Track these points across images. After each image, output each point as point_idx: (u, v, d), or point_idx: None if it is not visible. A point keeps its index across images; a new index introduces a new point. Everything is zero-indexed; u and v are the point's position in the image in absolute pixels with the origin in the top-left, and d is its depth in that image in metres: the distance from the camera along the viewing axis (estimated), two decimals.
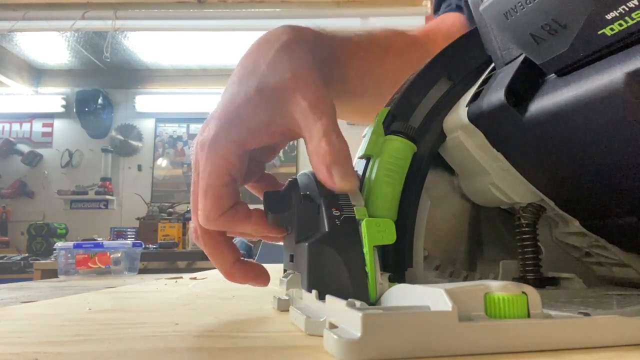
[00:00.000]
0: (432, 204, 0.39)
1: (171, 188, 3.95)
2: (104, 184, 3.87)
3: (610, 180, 0.30)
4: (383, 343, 0.20)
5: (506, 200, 0.38)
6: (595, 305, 0.28)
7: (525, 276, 0.38)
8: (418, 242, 0.37)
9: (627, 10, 0.22)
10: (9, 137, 4.05)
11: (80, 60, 3.81)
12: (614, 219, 0.34)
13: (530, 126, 0.30)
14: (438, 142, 0.38)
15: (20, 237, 3.64)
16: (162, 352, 0.24)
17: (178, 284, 0.68)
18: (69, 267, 1.35)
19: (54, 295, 0.74)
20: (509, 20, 0.27)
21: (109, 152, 3.95)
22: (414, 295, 0.25)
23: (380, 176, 0.34)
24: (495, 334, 0.21)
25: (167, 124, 4.06)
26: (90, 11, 2.80)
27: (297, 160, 3.87)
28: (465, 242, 0.43)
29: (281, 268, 0.40)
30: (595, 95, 0.25)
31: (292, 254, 0.36)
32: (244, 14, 2.86)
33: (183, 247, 3.01)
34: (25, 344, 0.27)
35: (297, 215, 0.35)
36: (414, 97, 0.38)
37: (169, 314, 0.37)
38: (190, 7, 2.85)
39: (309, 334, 0.26)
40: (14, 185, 3.95)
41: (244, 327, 0.31)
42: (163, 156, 4.02)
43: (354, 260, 0.30)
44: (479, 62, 0.38)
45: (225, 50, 3.56)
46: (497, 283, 0.22)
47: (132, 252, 1.45)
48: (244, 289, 0.57)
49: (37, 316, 0.39)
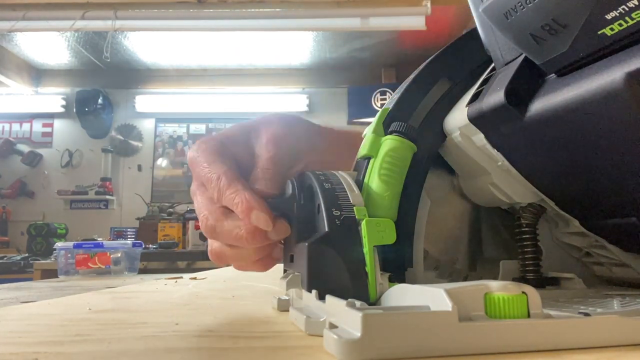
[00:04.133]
0: (432, 204, 0.38)
1: (171, 188, 3.95)
2: (104, 184, 3.87)
3: (610, 180, 0.30)
4: (383, 343, 0.20)
5: (506, 200, 0.38)
6: (595, 305, 0.28)
7: (525, 276, 0.38)
8: (418, 242, 0.37)
9: (627, 10, 0.22)
10: (9, 137, 4.05)
11: (80, 60, 3.81)
12: (614, 219, 0.34)
13: (530, 126, 0.30)
14: (438, 142, 0.38)
15: (20, 237, 3.64)
16: (162, 352, 0.24)
17: (178, 284, 0.68)
18: (69, 267, 1.35)
19: (54, 295, 0.74)
20: (509, 20, 0.27)
21: (109, 152, 3.95)
22: (414, 295, 0.25)
23: (380, 176, 0.34)
24: (495, 334, 0.21)
25: (167, 124, 4.05)
26: (90, 11, 2.80)
27: None
28: (465, 242, 0.43)
29: (281, 268, 0.40)
30: (595, 95, 0.25)
31: (292, 254, 0.36)
32: (244, 14, 2.85)
33: (183, 247, 3.01)
34: (25, 344, 0.27)
35: (297, 215, 0.35)
36: (414, 97, 0.38)
37: (169, 314, 0.37)
38: (190, 7, 2.85)
39: (309, 334, 0.26)
40: (14, 185, 3.95)
41: (244, 327, 0.31)
42: (163, 156, 4.02)
43: (354, 260, 0.30)
44: (479, 62, 0.38)
45: (225, 50, 3.56)
46: (497, 283, 0.22)
47: (132, 252, 1.45)
48: (244, 288, 0.57)
49: (37, 316, 0.39)
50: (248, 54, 3.64)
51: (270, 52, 3.59)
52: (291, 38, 3.40)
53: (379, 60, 3.76)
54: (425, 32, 2.88)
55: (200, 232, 2.82)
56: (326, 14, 2.86)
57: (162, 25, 2.95)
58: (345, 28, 3.03)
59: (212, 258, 0.42)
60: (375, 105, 3.71)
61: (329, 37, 3.39)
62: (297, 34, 3.32)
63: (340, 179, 0.34)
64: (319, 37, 3.39)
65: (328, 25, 2.98)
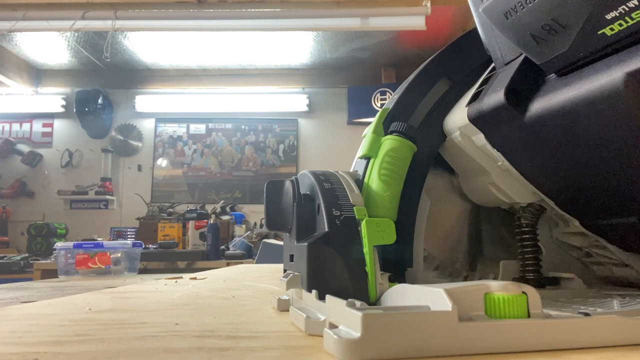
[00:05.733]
0: (432, 204, 0.38)
1: (171, 188, 3.95)
2: (104, 184, 3.87)
3: (610, 180, 0.30)
4: (383, 343, 0.20)
5: (506, 200, 0.38)
6: (595, 305, 0.28)
7: (525, 276, 0.38)
8: (418, 242, 0.37)
9: (627, 10, 0.22)
10: (9, 137, 4.05)
11: (80, 60, 3.81)
12: (614, 219, 0.34)
13: (530, 126, 0.30)
14: (438, 142, 0.38)
15: (20, 237, 3.64)
16: (162, 352, 0.24)
17: (178, 284, 0.68)
18: (69, 267, 1.35)
19: (54, 295, 0.74)
20: (509, 20, 0.27)
21: (109, 152, 3.95)
22: (413, 295, 0.25)
23: (380, 176, 0.34)
24: (495, 334, 0.20)
25: (167, 124, 4.05)
26: (90, 11, 2.80)
27: (297, 160, 3.88)
28: (465, 242, 0.43)
29: (281, 268, 0.40)
30: (595, 95, 0.25)
31: (292, 254, 0.36)
32: (244, 14, 2.85)
33: (183, 247, 3.01)
34: (25, 344, 0.27)
35: (297, 215, 0.35)
36: (414, 97, 0.38)
37: (169, 314, 0.37)
38: (190, 7, 2.85)
39: (309, 334, 0.26)
40: (14, 185, 3.95)
41: (244, 327, 0.31)
42: (163, 156, 4.02)
43: (354, 260, 0.30)
44: (479, 62, 0.38)
45: (225, 50, 3.56)
46: (497, 283, 0.22)
47: (132, 252, 1.45)
48: (244, 288, 0.57)
49: (37, 316, 0.39)
50: (248, 54, 3.64)
51: (270, 52, 3.59)
52: (291, 38, 3.40)
53: (379, 60, 3.76)
54: (425, 32, 2.88)
55: (200, 232, 2.82)
56: (326, 14, 2.86)
57: (162, 25, 2.95)
58: (345, 28, 3.03)
59: None
60: (375, 105, 3.72)
61: (329, 37, 3.39)
62: (297, 34, 3.32)
63: (340, 179, 0.34)
64: (319, 37, 3.39)
65: (328, 25, 2.98)
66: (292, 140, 3.92)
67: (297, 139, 3.92)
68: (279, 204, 0.37)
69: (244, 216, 3.50)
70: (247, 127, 3.97)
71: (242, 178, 3.89)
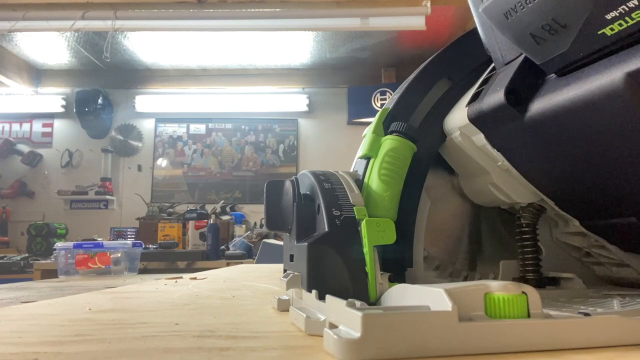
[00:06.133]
0: (432, 204, 0.39)
1: (171, 188, 3.95)
2: (104, 184, 3.87)
3: (610, 180, 0.30)
4: (383, 343, 0.20)
5: (506, 200, 0.38)
6: (595, 305, 0.28)
7: (525, 276, 0.38)
8: (418, 242, 0.37)
9: (627, 10, 0.22)
10: (9, 137, 4.05)
11: (80, 60, 3.81)
12: (613, 219, 0.34)
13: (530, 126, 0.30)
14: (438, 142, 0.38)
15: (20, 237, 3.64)
16: (162, 352, 0.24)
17: (178, 284, 0.68)
18: (69, 267, 1.35)
19: (54, 295, 0.74)
20: (509, 20, 0.27)
21: (109, 152, 3.95)
22: (413, 295, 0.25)
23: (380, 176, 0.34)
24: (495, 334, 0.20)
25: (167, 124, 4.05)
26: (90, 11, 2.80)
27: (297, 160, 3.88)
28: (465, 242, 0.43)
29: (281, 268, 0.40)
30: (595, 95, 0.25)
31: (292, 254, 0.36)
32: (244, 14, 2.85)
33: (183, 247, 3.01)
34: (25, 344, 0.27)
35: (297, 215, 0.35)
36: (414, 97, 0.38)
37: (169, 314, 0.37)
38: (190, 7, 2.85)
39: (309, 334, 0.26)
40: (14, 185, 3.95)
41: (244, 327, 0.31)
42: (163, 156, 4.02)
43: (354, 260, 0.30)
44: (479, 62, 0.38)
45: (225, 50, 3.56)
46: (497, 283, 0.22)
47: (132, 252, 1.45)
48: (244, 288, 0.57)
49: (37, 316, 0.39)
50: (248, 54, 3.64)
51: (270, 52, 3.59)
52: (291, 38, 3.40)
53: (378, 60, 3.76)
54: (425, 32, 2.88)
55: (200, 232, 2.82)
56: (326, 14, 2.86)
57: (162, 25, 2.95)
58: (345, 28, 3.03)
59: None
60: (375, 105, 3.72)
61: (329, 37, 3.39)
62: (297, 34, 3.32)
63: (340, 179, 0.34)
64: (319, 37, 3.39)
65: (328, 25, 2.98)
66: (292, 140, 3.92)
67: (297, 139, 3.92)
68: (279, 204, 0.37)
69: (244, 216, 3.50)
70: (247, 127, 3.97)
71: (242, 178, 3.89)
